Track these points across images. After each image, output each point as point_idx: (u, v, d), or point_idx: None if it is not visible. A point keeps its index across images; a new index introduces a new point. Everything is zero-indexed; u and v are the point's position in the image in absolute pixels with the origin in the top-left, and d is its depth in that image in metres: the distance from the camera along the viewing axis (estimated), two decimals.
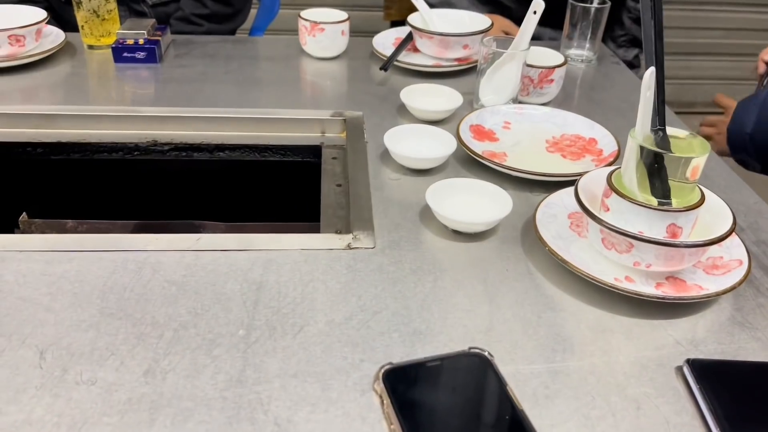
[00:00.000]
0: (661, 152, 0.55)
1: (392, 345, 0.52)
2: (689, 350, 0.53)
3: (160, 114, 0.87)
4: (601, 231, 0.58)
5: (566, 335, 0.54)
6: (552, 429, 0.46)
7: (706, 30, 2.75)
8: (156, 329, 0.53)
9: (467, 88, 0.94)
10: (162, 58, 1.05)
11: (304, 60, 1.07)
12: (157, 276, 0.59)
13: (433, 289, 0.59)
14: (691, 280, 0.58)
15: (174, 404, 0.47)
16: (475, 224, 0.65)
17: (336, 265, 0.61)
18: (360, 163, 0.77)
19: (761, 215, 0.71)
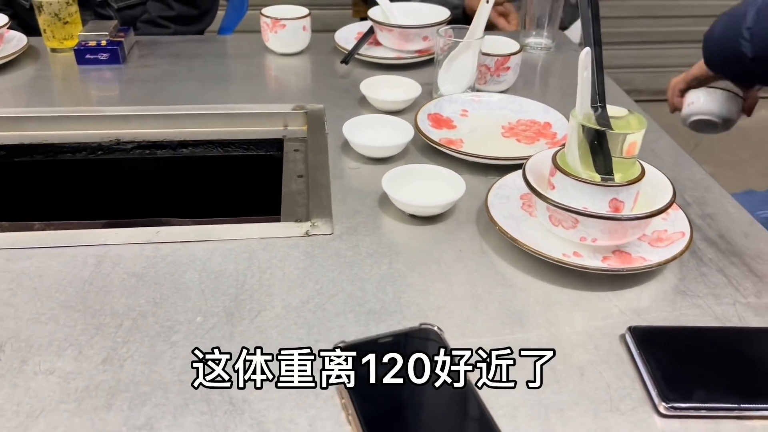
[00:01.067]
0: (602, 129, 0.57)
1: (347, 325, 0.54)
2: (633, 319, 0.55)
3: (122, 113, 0.88)
4: (548, 209, 0.60)
5: (515, 309, 0.56)
6: (498, 397, 0.48)
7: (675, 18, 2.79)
8: (115, 319, 0.54)
9: (428, 78, 0.96)
10: (125, 58, 1.06)
11: (267, 56, 1.09)
12: (117, 269, 0.60)
13: (389, 270, 0.60)
14: (636, 253, 0.61)
15: (131, 389, 0.48)
16: (430, 207, 0.66)
17: (294, 252, 0.62)
18: (321, 155, 0.79)
19: (708, 190, 0.74)
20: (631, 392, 0.48)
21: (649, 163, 0.62)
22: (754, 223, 0.68)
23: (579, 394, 0.48)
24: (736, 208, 0.70)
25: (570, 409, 0.47)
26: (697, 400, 0.46)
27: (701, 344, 0.51)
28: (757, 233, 0.66)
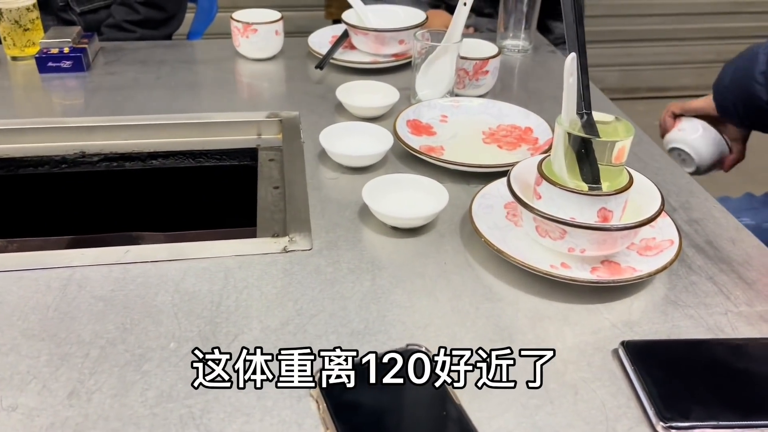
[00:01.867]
0: (588, 137, 0.55)
1: (329, 346, 0.51)
2: (625, 332, 0.53)
3: (87, 124, 0.84)
4: (535, 219, 0.58)
5: (504, 325, 0.54)
6: (490, 421, 0.45)
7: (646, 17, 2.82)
8: (81, 348, 0.51)
9: (405, 83, 0.93)
10: (90, 66, 1.02)
11: (238, 62, 1.05)
12: (83, 293, 0.56)
13: (372, 287, 0.58)
14: (625, 263, 0.59)
15: (100, 425, 0.45)
16: (413, 219, 0.64)
17: (271, 269, 0.60)
18: (297, 164, 0.76)
19: (693, 195, 0.73)
20: (627, 411, 0.47)
21: (632, 167, 0.61)
22: (740, 228, 0.67)
23: (574, 415, 0.46)
24: (722, 212, 0.70)
25: (564, 431, 0.45)
26: (695, 419, 0.44)
27: (696, 358, 0.50)
28: (743, 238, 0.65)
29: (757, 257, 0.62)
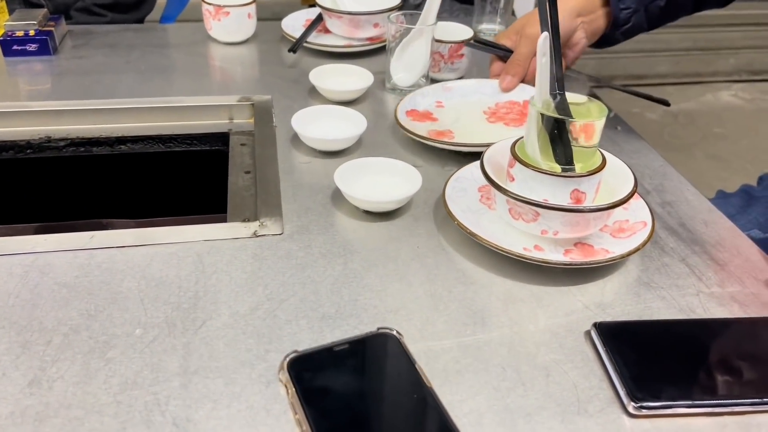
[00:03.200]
0: (561, 118, 0.55)
1: (300, 332, 0.50)
2: (597, 314, 0.53)
3: (53, 108, 0.82)
4: (508, 201, 0.57)
5: (477, 308, 0.53)
6: (462, 404, 0.45)
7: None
8: (43, 335, 0.49)
9: (379, 67, 0.92)
10: (57, 49, 0.99)
11: (210, 46, 1.03)
12: (45, 279, 0.55)
13: (344, 271, 0.57)
14: (598, 245, 0.59)
15: (62, 414, 0.43)
16: (386, 203, 0.63)
17: (241, 254, 0.58)
18: (269, 149, 0.75)
19: (666, 177, 0.73)
20: (599, 392, 0.46)
21: (608, 151, 0.60)
22: (713, 210, 0.67)
23: (545, 397, 0.46)
24: (695, 195, 0.70)
25: (537, 414, 0.45)
26: (666, 398, 0.44)
27: (668, 339, 0.50)
28: (716, 220, 0.65)
29: (729, 239, 0.63)
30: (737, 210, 0.80)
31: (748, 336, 0.51)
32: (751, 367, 0.48)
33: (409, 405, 0.44)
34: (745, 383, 0.46)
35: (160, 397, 0.45)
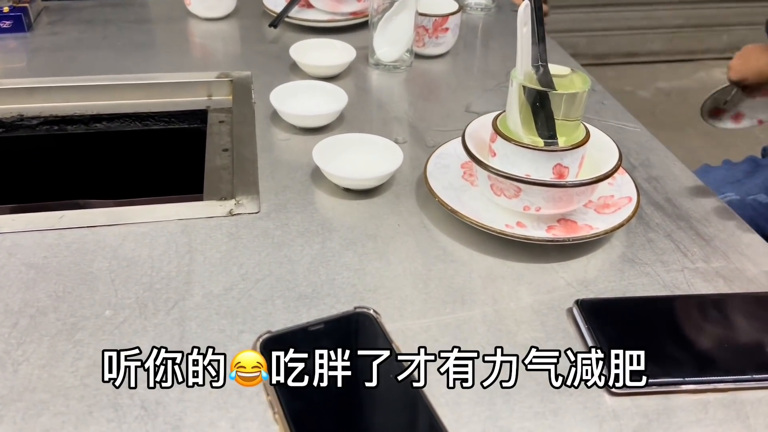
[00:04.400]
0: (543, 90, 0.53)
1: (275, 312, 0.49)
2: (580, 291, 0.52)
3: (26, 85, 0.79)
4: (489, 177, 0.56)
5: (457, 287, 0.52)
6: (438, 384, 0.44)
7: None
8: (9, 318, 0.48)
9: (364, 42, 0.90)
10: (31, 26, 0.96)
11: (190, 21, 1.01)
12: (12, 260, 0.53)
13: (321, 250, 0.56)
14: (582, 221, 0.57)
15: (26, 397, 0.42)
16: (366, 180, 0.62)
17: (216, 233, 0.57)
18: (247, 126, 0.73)
19: (653, 152, 0.71)
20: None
21: (593, 126, 0.59)
22: (699, 185, 0.66)
23: (526, 376, 0.45)
24: (682, 170, 0.68)
25: (516, 393, 0.44)
26: (649, 376, 0.43)
27: (650, 315, 0.49)
28: (703, 195, 0.64)
29: (715, 214, 0.61)
30: (744, 175, 0.80)
31: (731, 312, 0.50)
32: (734, 343, 0.47)
33: (386, 386, 0.43)
34: (727, 360, 0.45)
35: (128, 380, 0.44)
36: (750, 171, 0.72)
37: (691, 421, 0.42)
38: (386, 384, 0.42)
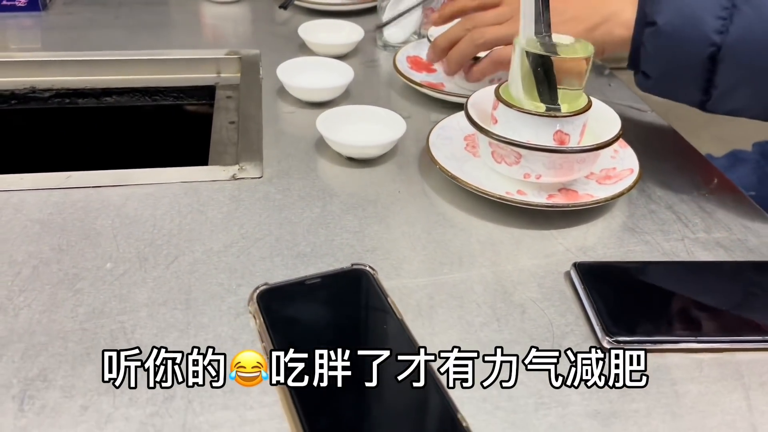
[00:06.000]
0: (547, 55, 0.53)
1: (273, 269, 0.50)
2: (578, 256, 0.52)
3: (38, 59, 0.81)
4: (490, 144, 0.56)
5: (455, 249, 0.52)
6: (433, 337, 0.44)
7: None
8: (12, 267, 0.49)
9: (372, 25, 0.91)
10: (46, 6, 0.98)
11: (202, 4, 1.02)
12: (18, 215, 0.54)
13: (321, 213, 0.56)
14: (583, 191, 0.57)
15: (25, 339, 0.43)
16: (368, 148, 0.62)
17: (218, 196, 0.58)
18: (254, 99, 0.74)
19: (658, 131, 0.71)
20: (575, 329, 0.45)
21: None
22: (703, 160, 0.66)
23: (520, 332, 0.45)
24: (687, 147, 0.68)
25: (509, 347, 0.43)
26: (641, 334, 0.43)
27: (647, 279, 0.49)
28: (705, 170, 0.64)
29: (718, 188, 0.61)
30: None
31: (728, 278, 0.49)
32: (730, 307, 0.46)
33: (379, 335, 0.43)
34: (722, 322, 0.45)
35: (126, 326, 0.44)
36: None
37: (686, 378, 0.42)
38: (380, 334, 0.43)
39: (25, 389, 0.39)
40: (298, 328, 0.43)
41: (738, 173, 0.73)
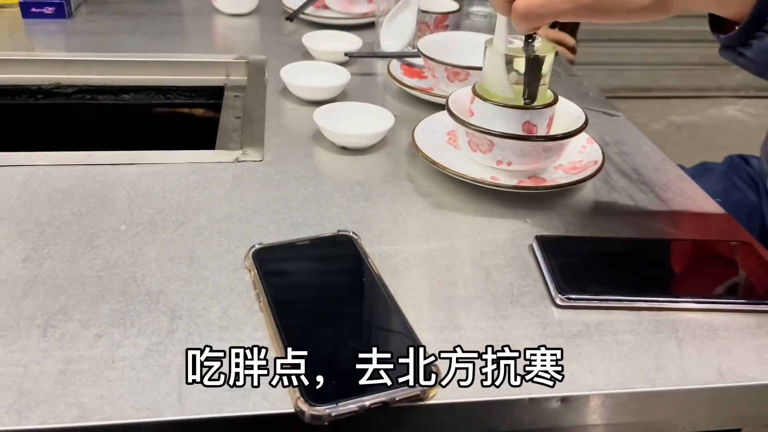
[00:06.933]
0: (539, 56, 0.59)
1: (268, 235, 0.56)
2: (541, 233, 0.58)
3: (64, 58, 0.88)
4: (467, 133, 0.62)
5: (432, 224, 0.58)
6: (406, 292, 0.50)
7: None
8: (38, 227, 0.55)
9: (371, 38, 0.98)
10: (72, 14, 1.06)
11: (215, 16, 1.10)
12: (44, 186, 0.61)
13: (314, 192, 0.62)
14: (551, 179, 0.64)
15: (49, 282, 0.49)
16: (361, 137, 0.69)
17: (222, 175, 0.64)
18: (259, 98, 0.81)
19: (627, 134, 0.77)
20: (533, 289, 0.51)
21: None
22: (666, 160, 0.72)
23: (483, 291, 0.51)
24: (652, 148, 0.74)
25: (473, 302, 0.49)
26: (590, 293, 0.49)
27: (600, 250, 0.55)
28: (668, 168, 0.70)
29: (676, 182, 0.67)
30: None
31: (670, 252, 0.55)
32: (669, 275, 0.52)
33: (358, 288, 0.49)
34: (662, 287, 0.51)
35: (137, 275, 0.50)
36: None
37: (626, 330, 0.47)
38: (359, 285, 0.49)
39: (47, 320, 0.45)
40: (287, 279, 0.49)
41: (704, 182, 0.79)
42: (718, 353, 0.46)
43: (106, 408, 0.39)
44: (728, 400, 0.45)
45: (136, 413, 0.39)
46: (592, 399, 0.43)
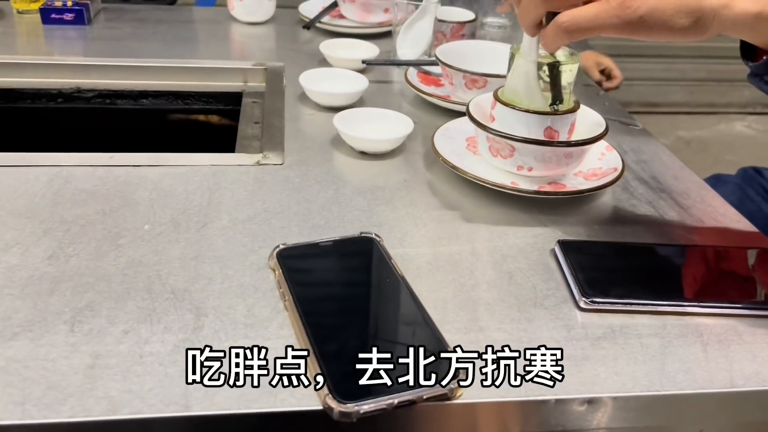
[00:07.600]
0: (558, 62, 0.59)
1: (290, 236, 0.56)
2: (563, 238, 0.58)
3: (84, 63, 0.89)
4: (488, 138, 0.63)
5: (453, 228, 0.59)
6: (429, 294, 0.50)
7: None
8: (63, 225, 0.55)
9: (388, 47, 0.99)
10: (91, 20, 1.07)
11: (232, 24, 1.11)
12: (68, 186, 0.61)
13: (335, 195, 0.63)
14: (571, 185, 0.64)
15: (75, 279, 0.49)
16: (380, 142, 0.69)
17: (244, 177, 0.64)
18: (277, 104, 0.81)
19: (645, 142, 0.78)
20: (556, 293, 0.51)
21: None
22: (685, 169, 0.72)
23: (506, 293, 0.51)
24: (670, 157, 0.75)
25: (497, 304, 0.49)
26: (614, 296, 0.49)
27: (622, 255, 0.55)
28: (686, 176, 0.70)
29: (695, 189, 0.67)
30: None
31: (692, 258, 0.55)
32: (692, 280, 0.52)
33: (382, 288, 0.49)
34: (685, 292, 0.51)
35: (161, 273, 0.50)
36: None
37: (651, 334, 0.47)
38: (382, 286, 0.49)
39: (75, 316, 0.46)
40: (312, 278, 0.49)
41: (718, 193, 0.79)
42: (743, 357, 0.46)
43: (135, 402, 0.39)
44: (755, 404, 0.45)
45: (165, 408, 0.39)
46: (618, 401, 0.43)
